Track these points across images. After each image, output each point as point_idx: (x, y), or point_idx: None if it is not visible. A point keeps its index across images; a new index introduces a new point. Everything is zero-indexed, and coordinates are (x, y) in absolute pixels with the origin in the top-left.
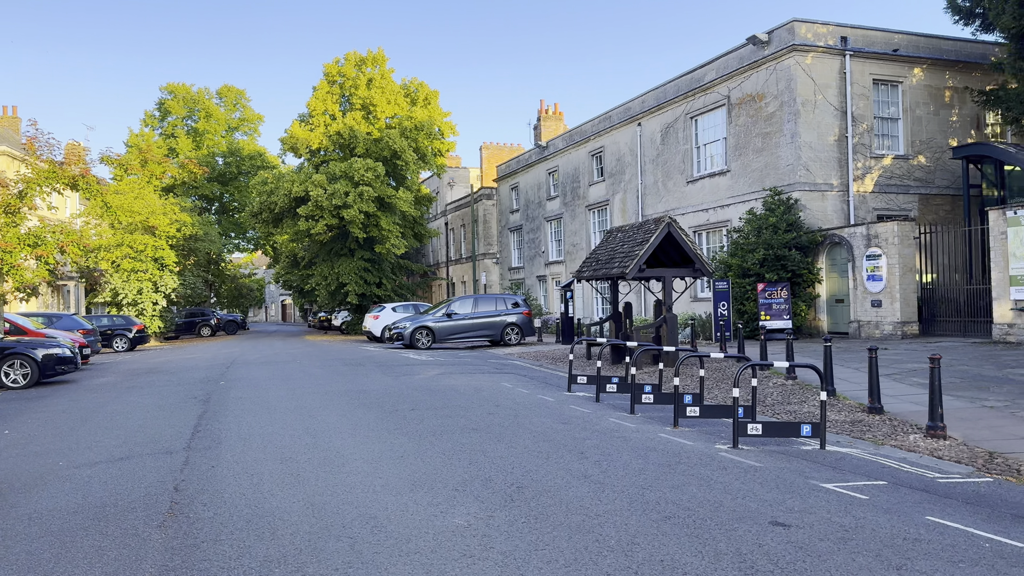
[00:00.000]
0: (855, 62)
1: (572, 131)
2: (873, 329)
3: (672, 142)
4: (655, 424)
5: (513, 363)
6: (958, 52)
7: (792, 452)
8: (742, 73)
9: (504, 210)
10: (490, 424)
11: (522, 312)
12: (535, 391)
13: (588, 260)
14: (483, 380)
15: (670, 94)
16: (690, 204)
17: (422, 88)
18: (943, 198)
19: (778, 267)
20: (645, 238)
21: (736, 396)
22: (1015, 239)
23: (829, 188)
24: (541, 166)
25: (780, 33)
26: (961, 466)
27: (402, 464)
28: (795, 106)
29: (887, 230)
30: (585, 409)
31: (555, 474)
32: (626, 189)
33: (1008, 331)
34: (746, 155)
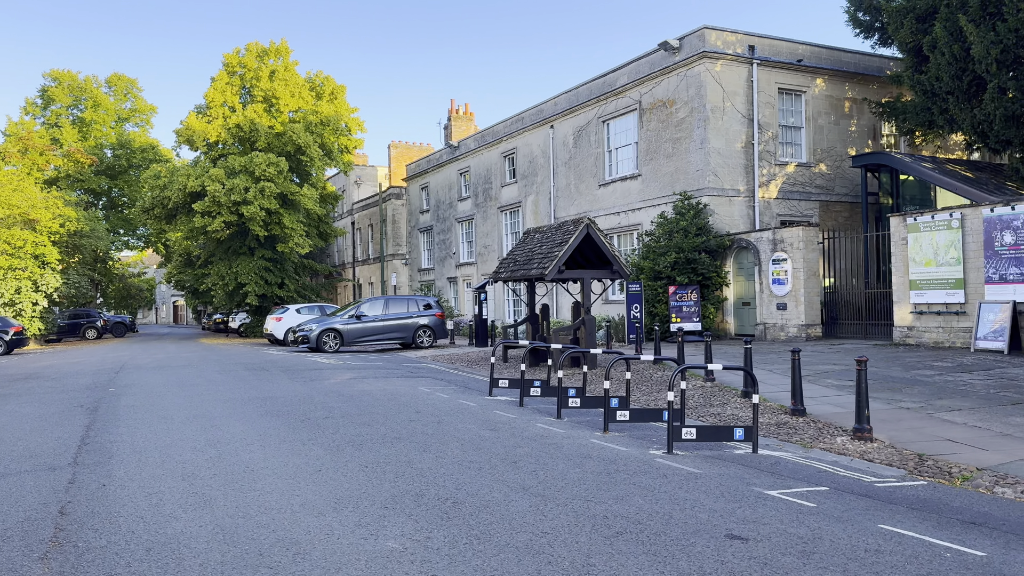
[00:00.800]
0: (762, 71)
1: (484, 132)
2: (778, 331)
3: (585, 145)
4: (584, 429)
5: (428, 366)
6: (857, 64)
7: (727, 457)
8: (653, 79)
9: (414, 210)
10: (413, 432)
11: (435, 314)
12: (455, 396)
13: (505, 261)
14: (399, 385)
15: (583, 97)
16: (602, 207)
17: (328, 82)
18: (842, 205)
19: (689, 270)
20: (564, 239)
21: (671, 400)
22: (915, 245)
23: (736, 194)
24: (452, 166)
25: (691, 40)
26: (893, 469)
27: (321, 479)
28: (705, 112)
29: (792, 235)
30: (510, 414)
31: (491, 487)
32: (539, 191)
33: (908, 334)
34: (657, 160)
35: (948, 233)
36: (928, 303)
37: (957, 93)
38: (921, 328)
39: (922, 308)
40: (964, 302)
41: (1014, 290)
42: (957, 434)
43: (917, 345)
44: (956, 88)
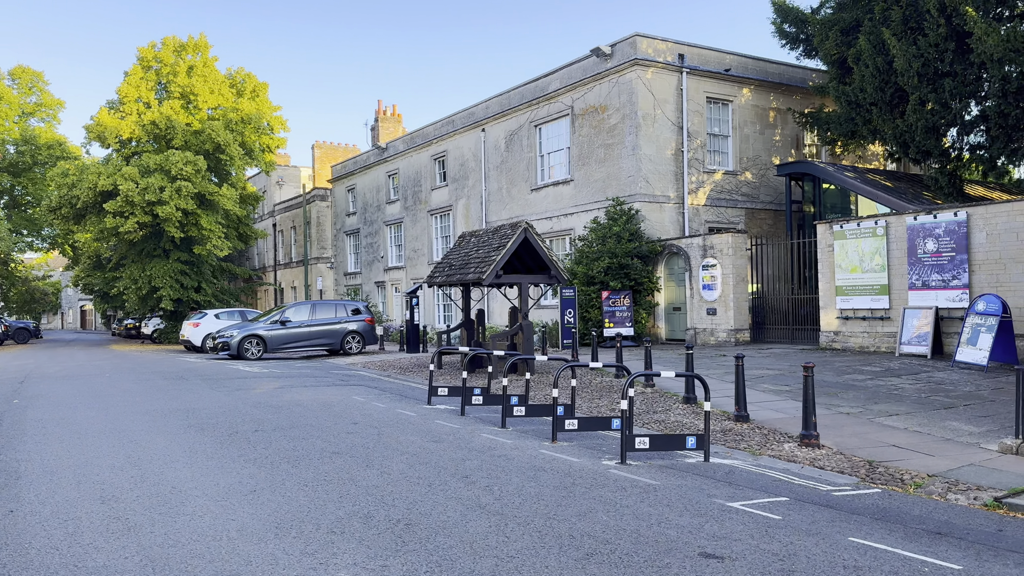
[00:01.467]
0: (691, 79)
1: (414, 133)
2: (708, 336)
3: (517, 149)
4: (532, 439)
5: (359, 374)
6: (781, 75)
7: (680, 466)
8: (585, 84)
9: (340, 212)
10: (353, 446)
11: (364, 319)
12: (392, 405)
13: (440, 265)
14: (331, 394)
15: (514, 101)
16: (534, 212)
17: (250, 79)
18: (767, 212)
19: (622, 275)
20: (502, 243)
21: (625, 409)
22: (841, 252)
23: (667, 200)
24: (380, 168)
25: (622, 47)
26: (845, 476)
27: (257, 500)
28: (636, 119)
29: (722, 241)
30: (453, 424)
31: (445, 505)
32: (470, 195)
33: (834, 338)
34: (589, 165)
35: (873, 240)
36: (854, 309)
37: (880, 104)
38: (847, 333)
39: (848, 313)
40: (888, 308)
41: (936, 296)
42: (901, 439)
43: (843, 350)
44: (879, 100)
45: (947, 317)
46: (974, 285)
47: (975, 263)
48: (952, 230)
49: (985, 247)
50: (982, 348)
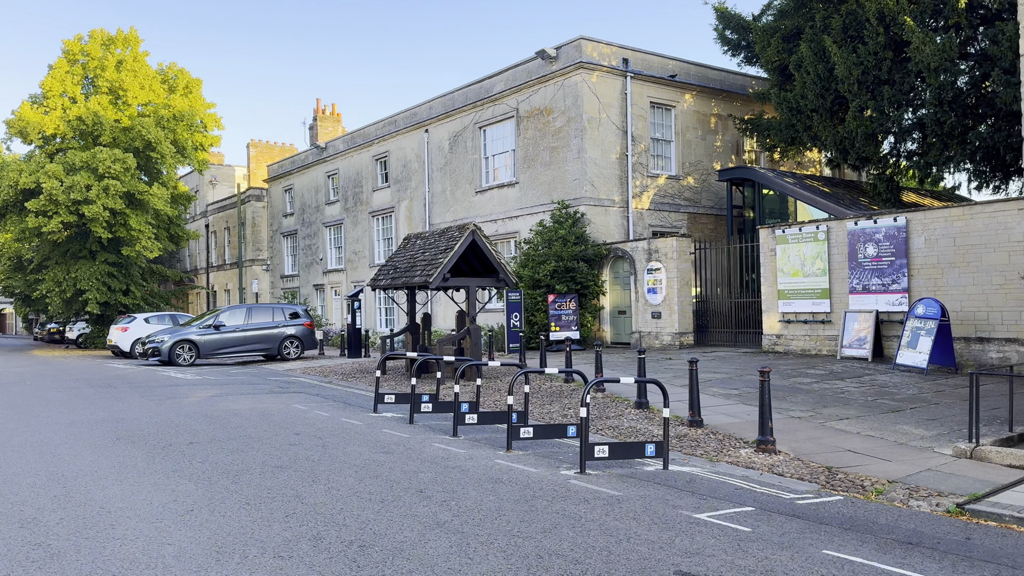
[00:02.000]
0: (635, 84)
1: (354, 133)
2: (653, 340)
3: (461, 151)
4: (485, 448)
5: (299, 380)
6: (723, 82)
7: (640, 475)
8: (531, 87)
9: (276, 213)
10: (296, 458)
11: (303, 323)
12: (336, 413)
13: (385, 268)
14: (270, 402)
15: (458, 102)
16: (479, 214)
17: (182, 75)
18: (708, 217)
19: (568, 279)
20: (449, 245)
21: (584, 416)
22: (783, 256)
23: (611, 203)
24: (319, 168)
25: (568, 50)
26: (806, 483)
27: (195, 521)
28: (581, 123)
29: (666, 245)
30: (402, 433)
31: (401, 523)
32: (413, 196)
33: (776, 342)
34: (535, 168)
35: (815, 245)
36: (796, 312)
37: (821, 111)
38: (789, 336)
39: (790, 317)
40: (830, 311)
41: (876, 300)
42: (855, 444)
43: (785, 353)
44: (820, 106)
45: (887, 320)
46: (913, 289)
47: (914, 267)
48: (892, 235)
49: (924, 252)
50: (922, 351)
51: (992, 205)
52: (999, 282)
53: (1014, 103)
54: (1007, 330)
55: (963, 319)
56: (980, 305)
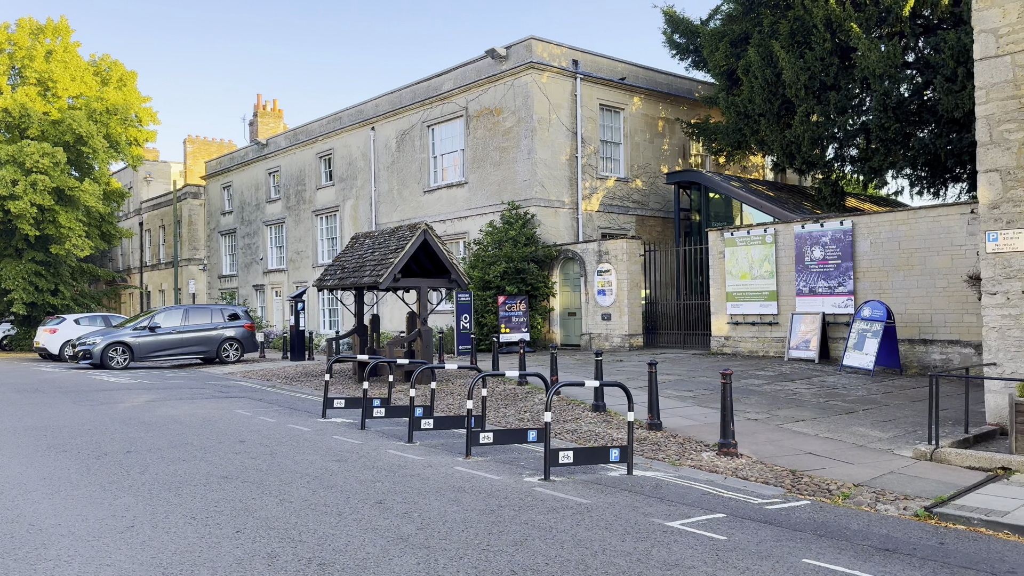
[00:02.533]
0: (585, 86)
1: (297, 130)
2: (603, 341)
3: (409, 150)
4: (443, 454)
5: (239, 384)
6: (670, 86)
7: (605, 481)
8: (480, 86)
9: (214, 211)
10: (243, 468)
11: (243, 325)
12: (283, 419)
13: (332, 268)
14: (211, 407)
15: (406, 100)
16: (427, 214)
17: (116, 67)
18: (655, 219)
19: (518, 280)
20: (400, 245)
21: (548, 422)
22: (732, 259)
23: (561, 205)
24: (260, 165)
25: (518, 49)
26: (772, 487)
27: (136, 539)
28: (532, 123)
29: (617, 247)
30: (354, 440)
31: (361, 538)
32: (358, 195)
33: (725, 343)
34: (484, 168)
35: (762, 248)
36: (744, 314)
37: (769, 116)
38: (737, 338)
39: (738, 319)
40: (777, 313)
41: (822, 302)
42: (815, 447)
43: (734, 354)
44: (768, 111)
45: (833, 323)
46: (859, 292)
47: (860, 270)
48: (838, 238)
49: (869, 255)
50: (868, 353)
51: (936, 209)
52: (942, 285)
53: (955, 110)
54: (949, 332)
55: (907, 321)
56: (924, 308)
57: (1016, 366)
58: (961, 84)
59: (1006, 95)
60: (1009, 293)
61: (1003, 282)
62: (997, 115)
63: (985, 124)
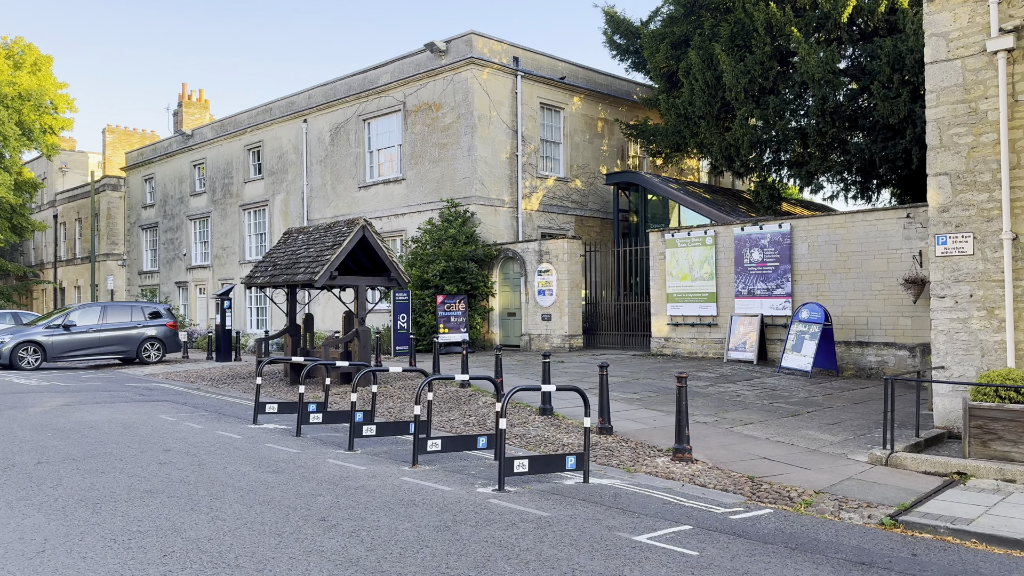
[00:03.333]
0: (526, 84)
1: (225, 120)
2: (543, 342)
3: (343, 144)
4: (388, 463)
5: (162, 387)
6: (609, 87)
7: (561, 490)
8: (419, 80)
9: (135, 204)
10: (169, 480)
11: (165, 323)
12: (210, 425)
13: (263, 264)
14: (132, 412)
15: (341, 92)
16: (363, 211)
17: (30, 51)
18: (594, 220)
19: (458, 279)
20: (337, 241)
21: (502, 428)
22: (672, 260)
23: (501, 203)
24: (185, 156)
25: (458, 44)
26: (731, 495)
27: (48, 566)
28: (472, 120)
29: (557, 247)
30: (290, 448)
31: (306, 562)
32: (289, 190)
33: (665, 344)
34: (422, 164)
35: (703, 249)
36: (684, 315)
37: (709, 118)
38: (677, 339)
39: (678, 320)
40: (716, 315)
41: (761, 304)
42: (768, 451)
43: (673, 355)
44: (708, 113)
45: (771, 324)
46: (797, 294)
47: (798, 273)
48: (777, 241)
49: (807, 258)
50: (806, 355)
51: (873, 213)
52: (878, 288)
53: (891, 116)
54: (885, 334)
55: (844, 324)
56: (860, 310)
57: (964, 369)
58: (896, 91)
59: (956, 99)
60: (957, 297)
61: (951, 285)
62: (947, 119)
63: (935, 128)
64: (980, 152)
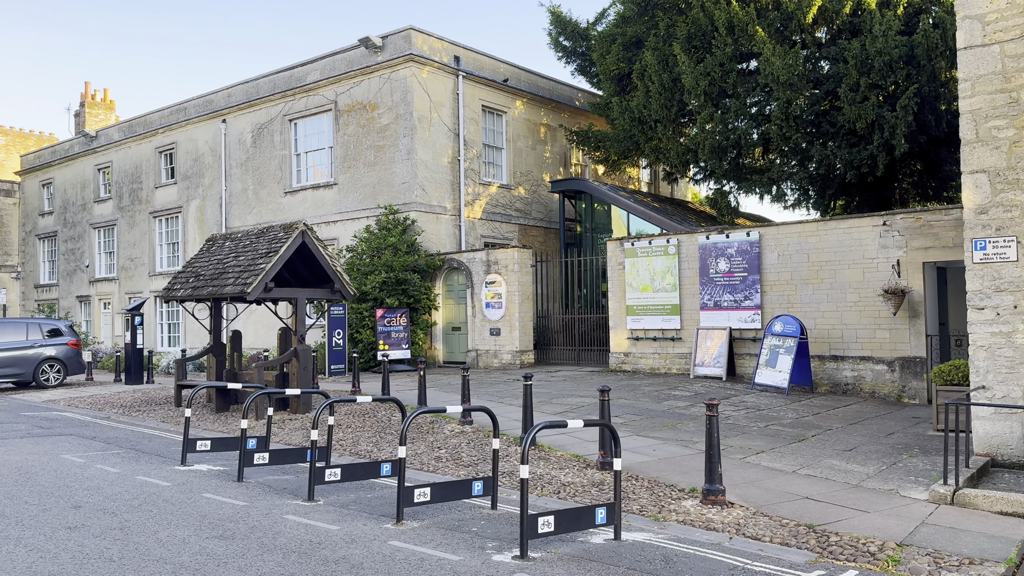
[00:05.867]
0: (467, 85)
1: (134, 120)
2: (491, 358)
3: (267, 146)
4: (363, 519)
5: (65, 416)
6: (552, 91)
7: (595, 553)
8: (352, 78)
9: (31, 211)
10: (84, 556)
11: (66, 342)
12: (129, 467)
13: (184, 275)
14: (29, 451)
15: (264, 90)
16: (289, 218)
17: None
18: (538, 229)
19: (399, 292)
20: (272, 248)
21: (525, 478)
22: (632, 270)
23: (443, 211)
24: (88, 160)
25: (395, 40)
26: (795, 551)
27: None
28: (411, 121)
29: (507, 257)
30: (234, 499)
31: None
32: (206, 195)
33: (624, 360)
34: (357, 168)
35: (665, 259)
36: (645, 329)
37: (665, 122)
38: (638, 354)
39: (639, 334)
40: (680, 328)
41: (728, 317)
42: (804, 488)
43: (634, 372)
44: (664, 116)
45: (739, 338)
46: (766, 306)
47: (767, 283)
48: (745, 250)
49: (777, 267)
50: (781, 370)
51: (847, 221)
52: (854, 299)
53: (858, 121)
54: (861, 348)
55: (817, 337)
56: (835, 323)
57: (1008, 388)
58: (863, 95)
59: (994, 88)
60: (999, 308)
61: (992, 296)
62: (984, 110)
63: (971, 120)
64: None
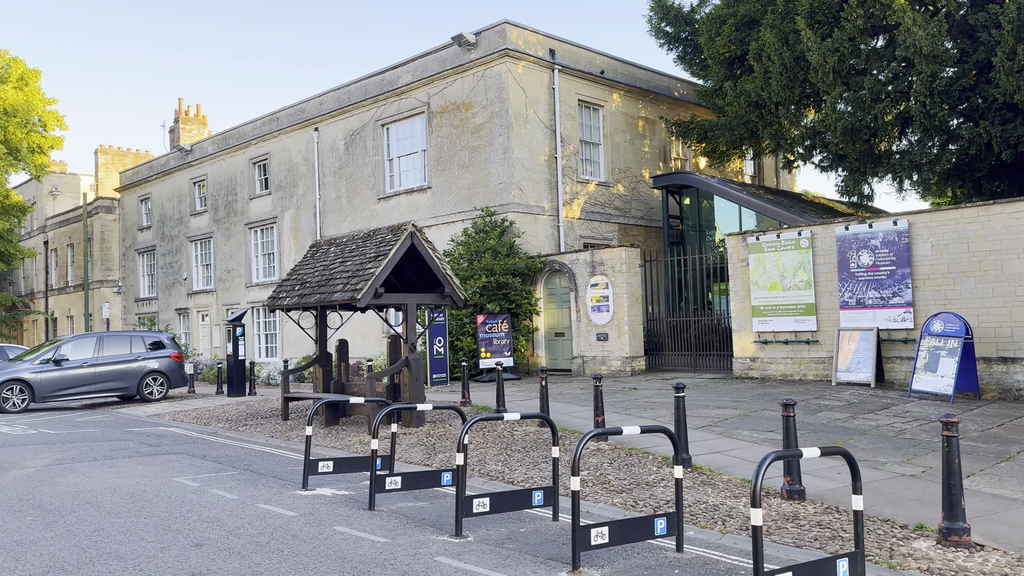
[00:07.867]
0: (563, 79)
1: (227, 133)
2: (599, 365)
3: (359, 152)
4: (531, 565)
5: (171, 431)
6: (649, 82)
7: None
8: (445, 78)
9: (130, 227)
10: None
11: (169, 355)
12: (246, 493)
13: (289, 283)
14: (139, 473)
15: (356, 96)
16: (382, 224)
17: (16, 64)
18: (639, 228)
19: (500, 296)
20: (381, 252)
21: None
22: (758, 267)
23: (541, 211)
24: (183, 174)
25: (489, 35)
26: None
27: None
28: (507, 118)
29: (614, 257)
30: (371, 534)
31: None
32: (300, 205)
33: (751, 365)
34: (451, 170)
35: (796, 254)
36: (774, 331)
37: (787, 104)
38: (766, 359)
39: (767, 337)
40: (816, 329)
41: (874, 316)
42: None
43: (763, 378)
44: (787, 99)
45: (887, 340)
46: (919, 302)
47: (919, 278)
48: (891, 241)
49: (930, 259)
50: (944, 375)
51: (1015, 204)
52: None
53: (1016, 93)
54: None
55: (981, 336)
56: (1002, 320)
57: None
58: (1020, 64)
59: None
60: None
61: None
62: None
63: None
64: None
